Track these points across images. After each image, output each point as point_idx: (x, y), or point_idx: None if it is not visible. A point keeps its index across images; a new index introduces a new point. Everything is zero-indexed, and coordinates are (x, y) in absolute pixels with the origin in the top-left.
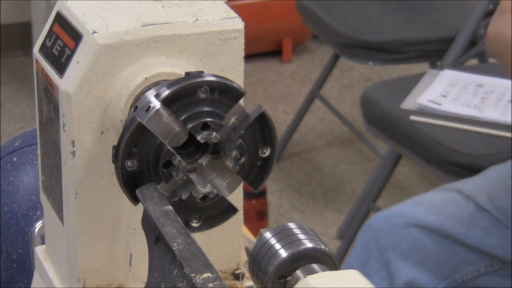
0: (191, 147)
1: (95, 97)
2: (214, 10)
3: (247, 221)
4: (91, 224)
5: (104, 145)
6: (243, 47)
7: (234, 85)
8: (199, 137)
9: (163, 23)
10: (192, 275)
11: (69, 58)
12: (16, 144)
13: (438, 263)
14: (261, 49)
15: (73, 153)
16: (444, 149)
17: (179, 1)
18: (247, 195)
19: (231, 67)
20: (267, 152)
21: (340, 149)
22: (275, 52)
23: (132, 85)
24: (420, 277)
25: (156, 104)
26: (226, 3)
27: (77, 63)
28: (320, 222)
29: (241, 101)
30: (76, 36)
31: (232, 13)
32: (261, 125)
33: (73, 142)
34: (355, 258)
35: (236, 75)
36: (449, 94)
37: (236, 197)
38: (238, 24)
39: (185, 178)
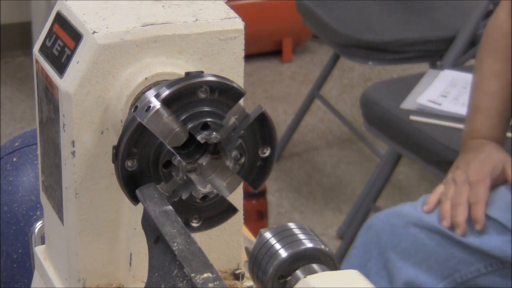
0: (191, 147)
1: (95, 97)
2: (214, 10)
3: (247, 221)
4: (91, 224)
5: (104, 145)
6: (243, 47)
7: (234, 85)
8: (199, 137)
9: (163, 23)
10: (192, 275)
11: (69, 58)
12: (16, 144)
13: (437, 263)
14: (261, 49)
15: (73, 153)
16: (444, 149)
17: (179, 1)
18: (247, 195)
19: (231, 67)
20: (267, 152)
21: (340, 149)
22: (275, 52)
23: (132, 85)
24: (419, 277)
25: (156, 104)
26: (226, 3)
27: (77, 63)
28: (320, 222)
29: (241, 101)
30: (76, 36)
31: (232, 13)
32: (261, 125)
33: (73, 142)
34: (355, 258)
35: (236, 75)
36: (449, 94)
37: (236, 197)
38: (238, 24)
39: (185, 178)
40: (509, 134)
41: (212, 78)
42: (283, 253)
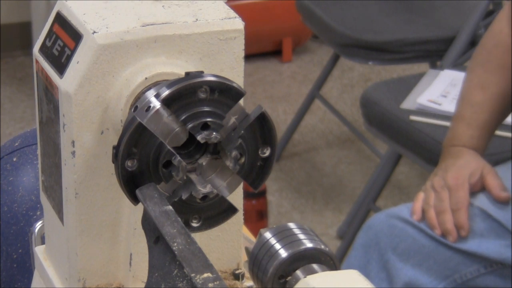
0: (191, 147)
1: (95, 97)
2: (214, 10)
3: (247, 221)
4: (91, 224)
5: (104, 145)
6: (243, 47)
7: (234, 85)
8: (199, 137)
9: (163, 23)
10: (192, 275)
11: (69, 58)
12: (16, 144)
13: (437, 264)
14: (261, 49)
15: (73, 153)
16: None
17: (179, 1)
18: (247, 195)
19: (231, 67)
20: (267, 152)
21: (340, 149)
22: (275, 52)
23: (132, 85)
24: (419, 278)
25: (156, 104)
26: (226, 3)
27: (77, 63)
28: (320, 222)
29: (241, 101)
30: (76, 36)
31: (232, 13)
32: (261, 125)
33: (73, 142)
34: (355, 259)
35: (236, 75)
36: (449, 94)
37: (236, 197)
38: (238, 24)
39: (185, 178)
40: (508, 134)
41: (212, 78)
42: (283, 253)
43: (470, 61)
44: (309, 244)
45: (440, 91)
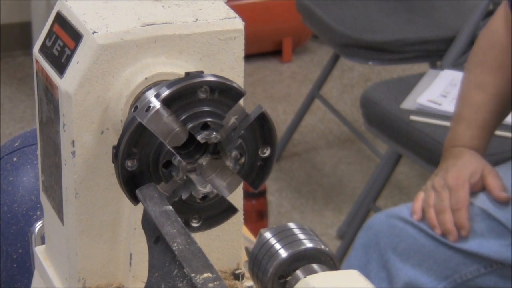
0: (191, 147)
1: (95, 97)
2: (214, 10)
3: (247, 221)
4: (91, 224)
5: (104, 145)
6: (243, 47)
7: (234, 85)
8: (199, 137)
9: (163, 23)
10: (192, 275)
11: (69, 58)
12: (16, 144)
13: (437, 263)
14: (261, 49)
15: (73, 153)
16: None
17: (179, 1)
18: (247, 195)
19: (231, 67)
20: (267, 152)
21: (340, 149)
22: (275, 52)
23: (132, 85)
24: (419, 278)
25: (156, 104)
26: (226, 3)
27: (77, 63)
28: (320, 222)
29: (241, 101)
30: (76, 36)
31: (232, 13)
32: (261, 125)
33: (73, 142)
34: (355, 259)
35: (236, 75)
36: (449, 94)
37: (236, 197)
38: (238, 24)
39: (185, 178)
40: (508, 134)
41: (212, 78)
42: (283, 253)
43: (467, 61)
44: (309, 244)
45: (440, 91)
